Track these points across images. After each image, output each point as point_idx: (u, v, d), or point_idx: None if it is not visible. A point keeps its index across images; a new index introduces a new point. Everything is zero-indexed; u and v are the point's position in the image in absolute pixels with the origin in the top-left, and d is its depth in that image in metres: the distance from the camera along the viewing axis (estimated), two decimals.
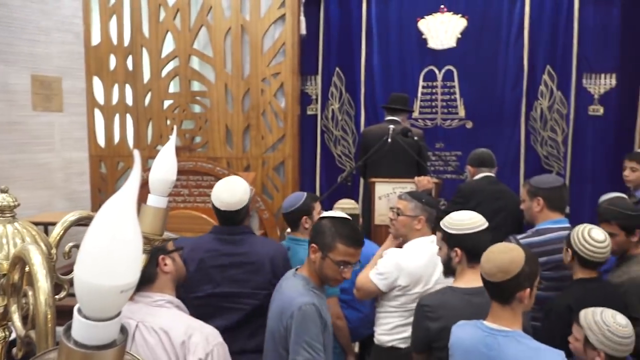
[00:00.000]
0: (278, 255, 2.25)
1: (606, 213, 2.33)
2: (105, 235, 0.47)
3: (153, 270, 1.66)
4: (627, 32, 4.17)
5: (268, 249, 2.25)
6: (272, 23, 4.09)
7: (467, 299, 1.85)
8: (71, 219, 1.03)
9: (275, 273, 2.20)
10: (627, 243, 2.30)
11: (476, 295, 1.84)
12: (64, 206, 4.36)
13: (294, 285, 1.88)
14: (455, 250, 1.93)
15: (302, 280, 1.89)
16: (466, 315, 1.77)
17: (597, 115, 4.32)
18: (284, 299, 1.85)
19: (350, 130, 4.68)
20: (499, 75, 4.38)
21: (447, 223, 1.97)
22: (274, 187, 4.19)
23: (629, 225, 2.27)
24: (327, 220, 1.88)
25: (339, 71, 4.63)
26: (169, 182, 1.07)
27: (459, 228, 1.93)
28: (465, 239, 1.91)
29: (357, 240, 1.85)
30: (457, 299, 1.85)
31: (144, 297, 1.64)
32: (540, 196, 2.53)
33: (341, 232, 1.83)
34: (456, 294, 1.88)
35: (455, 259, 1.93)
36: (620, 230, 2.27)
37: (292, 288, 1.86)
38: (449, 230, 1.95)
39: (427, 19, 4.43)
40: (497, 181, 3.28)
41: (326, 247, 1.83)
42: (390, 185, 3.35)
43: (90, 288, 0.48)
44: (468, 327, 1.68)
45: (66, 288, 0.99)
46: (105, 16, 4.29)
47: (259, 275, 2.18)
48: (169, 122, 4.29)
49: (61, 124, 4.27)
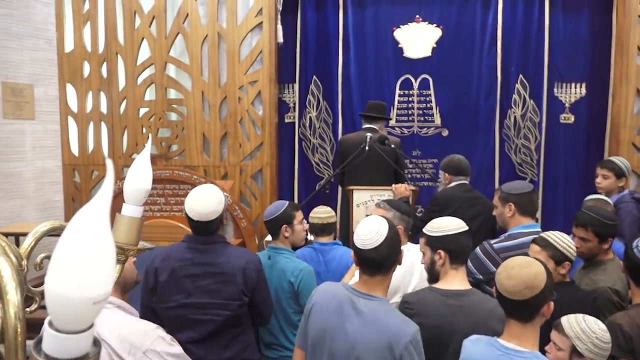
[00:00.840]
0: (250, 265, 2.23)
1: (583, 218, 2.37)
2: (77, 245, 0.46)
3: None
4: (596, 43, 4.30)
5: (241, 259, 2.23)
6: (249, 31, 4.09)
7: (443, 299, 1.87)
8: (42, 230, 1.01)
9: (247, 284, 2.18)
10: (597, 249, 2.35)
11: (452, 298, 1.87)
12: (36, 216, 4.26)
13: (384, 310, 1.67)
14: (438, 252, 1.95)
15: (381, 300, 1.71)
16: (440, 314, 1.81)
17: (569, 123, 4.43)
18: (383, 330, 1.62)
19: (328, 138, 4.70)
20: (473, 84, 4.46)
21: (429, 227, 2.01)
22: (251, 195, 4.18)
23: (603, 233, 2.31)
24: (388, 243, 1.69)
25: (316, 79, 4.65)
26: (144, 191, 1.06)
27: (443, 230, 1.97)
28: (449, 239, 1.94)
29: None
30: (433, 297, 1.88)
31: None
32: (511, 202, 2.58)
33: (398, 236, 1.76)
34: (434, 293, 1.90)
35: (439, 261, 1.95)
36: (594, 237, 2.31)
37: (387, 314, 1.66)
38: (432, 233, 1.98)
39: (403, 29, 4.50)
40: (471, 188, 3.34)
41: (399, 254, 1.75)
42: (368, 193, 3.37)
43: (61, 300, 0.47)
44: (481, 343, 1.61)
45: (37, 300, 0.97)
46: (79, 23, 4.23)
47: (231, 286, 2.16)
48: (145, 130, 4.24)
49: (33, 132, 4.17)
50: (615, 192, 3.29)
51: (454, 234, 1.95)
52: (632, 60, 3.94)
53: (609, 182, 3.31)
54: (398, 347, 1.57)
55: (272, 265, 2.52)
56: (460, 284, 1.92)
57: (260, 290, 2.26)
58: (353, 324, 1.66)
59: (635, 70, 3.95)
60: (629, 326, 1.85)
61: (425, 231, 2.02)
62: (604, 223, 2.32)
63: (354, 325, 1.65)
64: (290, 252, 2.57)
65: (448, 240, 1.94)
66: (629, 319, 1.89)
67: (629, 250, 2.00)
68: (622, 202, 3.20)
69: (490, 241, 2.53)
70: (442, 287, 1.93)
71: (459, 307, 1.84)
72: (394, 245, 1.69)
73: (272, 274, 2.48)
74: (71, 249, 0.46)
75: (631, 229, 3.03)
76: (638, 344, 1.82)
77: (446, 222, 2.00)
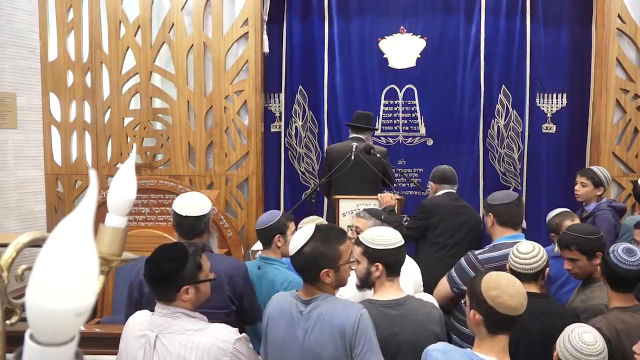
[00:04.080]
0: (237, 272, 2.22)
1: (565, 239, 2.35)
2: (60, 256, 0.46)
3: (172, 295, 1.71)
4: (576, 55, 4.40)
5: (227, 266, 2.21)
6: (235, 41, 4.10)
7: (384, 311, 1.89)
8: (24, 241, 0.99)
9: (234, 291, 2.17)
10: (590, 267, 2.30)
11: (393, 308, 1.90)
12: (17, 227, 4.19)
13: (337, 302, 1.77)
14: (376, 265, 1.95)
15: (329, 296, 1.79)
16: (384, 326, 1.82)
17: (550, 132, 4.50)
18: (330, 322, 1.70)
19: (314, 147, 4.71)
20: (457, 94, 4.52)
21: (369, 239, 1.99)
22: (237, 204, 4.16)
23: (588, 249, 2.28)
24: (309, 248, 1.77)
25: (302, 89, 4.67)
26: (128, 202, 1.06)
27: (383, 243, 1.96)
28: (389, 253, 1.95)
29: (343, 234, 1.84)
30: (375, 311, 1.86)
31: (161, 308, 1.72)
32: (491, 212, 2.58)
33: (330, 237, 1.78)
34: (374, 306, 1.89)
35: (376, 272, 1.95)
36: (581, 255, 2.28)
37: (329, 306, 1.74)
38: (373, 245, 1.97)
39: (388, 39, 4.55)
40: (458, 197, 3.36)
41: (333, 260, 1.76)
42: (354, 202, 3.38)
43: (43, 312, 0.46)
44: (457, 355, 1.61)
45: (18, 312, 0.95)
46: (63, 31, 4.20)
47: (218, 293, 2.14)
48: (130, 139, 4.21)
49: (15, 141, 4.11)
50: (593, 200, 3.33)
51: (394, 249, 1.96)
52: (611, 72, 4.03)
53: (587, 190, 3.33)
54: (348, 331, 1.67)
55: (261, 275, 2.49)
56: (397, 294, 1.95)
57: (248, 297, 2.25)
58: (303, 329, 1.73)
59: (614, 82, 4.03)
60: (607, 329, 1.87)
61: (364, 242, 2.00)
62: (586, 239, 2.30)
63: (304, 329, 1.73)
64: (281, 263, 2.54)
65: (388, 254, 1.95)
66: (607, 322, 1.91)
67: (605, 255, 2.03)
68: (598, 210, 3.24)
69: (474, 252, 2.53)
70: (381, 298, 1.94)
71: (401, 316, 1.87)
72: (315, 252, 1.74)
73: (262, 285, 2.45)
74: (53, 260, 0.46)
75: (607, 236, 3.05)
76: (616, 347, 1.84)
77: (385, 234, 2.00)
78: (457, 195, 3.39)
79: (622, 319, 1.93)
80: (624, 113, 4.07)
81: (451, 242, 3.17)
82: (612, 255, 1.99)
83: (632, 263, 1.96)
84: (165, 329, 1.69)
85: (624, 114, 4.08)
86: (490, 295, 1.59)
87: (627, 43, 4.04)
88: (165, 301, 1.73)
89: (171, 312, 1.71)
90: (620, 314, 1.95)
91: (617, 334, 1.88)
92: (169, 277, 1.70)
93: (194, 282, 1.74)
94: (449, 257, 3.03)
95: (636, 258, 1.97)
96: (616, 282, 2.01)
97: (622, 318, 1.93)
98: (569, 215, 2.99)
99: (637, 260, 1.96)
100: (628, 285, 1.99)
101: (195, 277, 1.76)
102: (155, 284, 1.75)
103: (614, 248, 2.02)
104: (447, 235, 3.20)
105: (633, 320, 1.93)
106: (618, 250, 2.00)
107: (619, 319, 1.93)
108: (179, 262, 1.71)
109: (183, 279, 1.71)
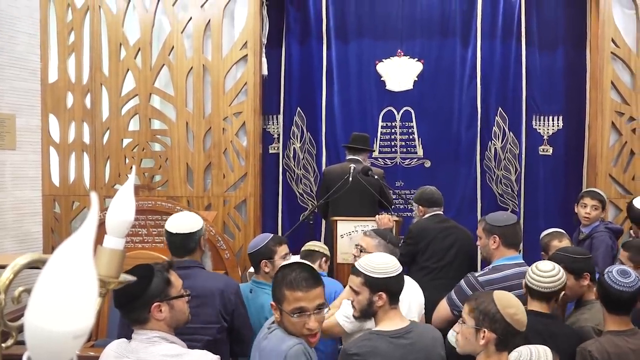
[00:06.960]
0: (228, 288, 2.22)
1: (554, 258, 2.36)
2: (60, 279, 0.46)
3: (144, 316, 1.64)
4: (571, 77, 4.46)
5: (218, 282, 2.22)
6: (234, 63, 4.14)
7: (394, 342, 1.83)
8: (22, 263, 0.99)
9: (225, 306, 2.17)
10: (578, 287, 2.31)
11: (401, 337, 1.85)
12: (14, 248, 4.15)
13: (274, 336, 1.74)
14: (379, 294, 1.89)
15: (279, 329, 1.76)
16: (395, 358, 1.77)
17: (547, 154, 4.53)
18: (268, 356, 1.72)
19: (312, 169, 4.72)
20: (454, 116, 4.55)
21: (369, 268, 1.92)
22: (235, 226, 4.15)
23: (575, 268, 2.29)
24: (279, 271, 1.79)
25: (300, 111, 4.70)
26: (127, 223, 1.06)
27: (385, 272, 1.90)
28: (392, 281, 1.90)
29: (301, 282, 1.70)
30: (385, 343, 1.81)
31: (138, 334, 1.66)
32: (496, 234, 2.58)
33: (285, 279, 1.72)
34: (383, 338, 1.83)
35: (379, 302, 1.89)
36: (568, 274, 2.26)
37: (273, 340, 1.73)
38: (374, 274, 1.90)
39: (385, 62, 4.60)
40: (445, 219, 3.37)
41: (278, 301, 1.73)
42: (352, 224, 3.38)
43: (42, 334, 0.46)
44: None
45: (14, 335, 0.94)
46: (64, 53, 4.24)
47: (209, 308, 2.13)
48: (128, 160, 4.22)
49: (13, 162, 4.11)
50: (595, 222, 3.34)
51: (395, 276, 1.91)
52: (606, 95, 4.07)
53: (598, 213, 3.32)
54: None
55: (252, 299, 2.48)
56: (402, 322, 1.91)
57: (240, 314, 2.24)
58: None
59: (609, 104, 4.07)
60: (599, 352, 1.88)
61: (363, 271, 1.92)
62: (573, 258, 2.32)
63: None
64: None
65: (391, 282, 1.89)
66: (599, 345, 1.92)
67: (601, 277, 2.04)
68: (596, 232, 3.24)
69: (474, 274, 2.53)
70: (387, 328, 1.88)
71: (411, 345, 1.83)
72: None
73: (251, 309, 2.44)
74: (53, 283, 0.46)
75: (604, 258, 3.06)
76: None
77: (385, 261, 1.94)
78: (444, 216, 3.39)
79: (615, 342, 1.93)
80: (620, 135, 4.10)
81: (439, 265, 3.18)
82: (607, 277, 2.01)
83: (627, 284, 1.97)
84: (143, 356, 1.62)
85: (619, 136, 4.11)
86: (508, 313, 1.63)
87: (621, 66, 4.09)
88: (139, 324, 1.67)
89: (149, 338, 1.64)
90: (614, 337, 1.96)
91: (608, 357, 1.88)
92: (135, 296, 1.64)
93: (165, 299, 1.68)
94: (437, 280, 3.07)
95: (630, 280, 1.98)
96: (610, 304, 2.02)
97: (615, 342, 1.94)
98: (557, 235, 3.00)
99: (632, 282, 1.98)
100: (622, 306, 2.00)
101: (165, 292, 1.69)
102: (123, 308, 1.69)
103: (609, 269, 2.04)
104: (435, 259, 3.20)
105: (626, 344, 1.93)
106: (613, 271, 2.02)
107: (612, 342, 1.94)
108: (143, 280, 1.63)
109: (152, 296, 1.65)
